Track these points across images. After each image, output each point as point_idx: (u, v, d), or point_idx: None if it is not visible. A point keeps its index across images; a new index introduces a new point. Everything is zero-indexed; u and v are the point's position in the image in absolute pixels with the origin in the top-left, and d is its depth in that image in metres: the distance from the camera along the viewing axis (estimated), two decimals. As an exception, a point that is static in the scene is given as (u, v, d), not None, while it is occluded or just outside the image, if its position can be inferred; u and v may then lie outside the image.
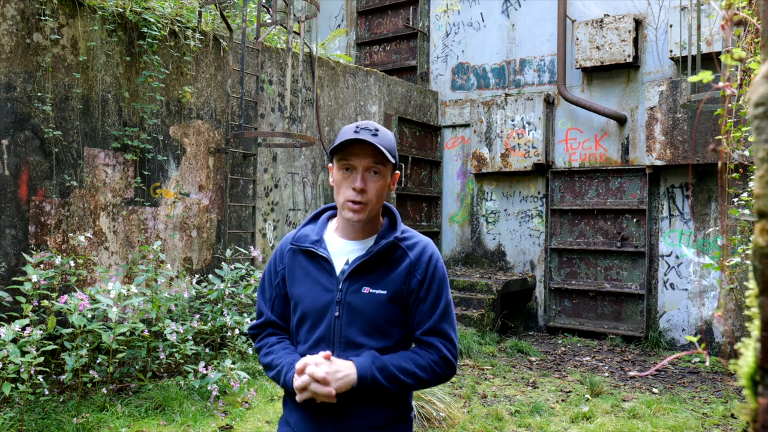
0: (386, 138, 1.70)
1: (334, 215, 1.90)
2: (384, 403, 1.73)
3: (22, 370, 3.77)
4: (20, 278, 4.29)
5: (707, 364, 1.31)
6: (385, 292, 1.72)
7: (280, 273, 1.84)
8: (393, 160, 1.70)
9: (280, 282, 1.84)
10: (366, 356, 1.69)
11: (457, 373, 5.96)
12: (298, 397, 1.64)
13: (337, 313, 1.72)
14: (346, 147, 1.68)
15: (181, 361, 5.01)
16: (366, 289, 1.72)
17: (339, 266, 1.76)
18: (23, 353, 3.89)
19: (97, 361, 4.51)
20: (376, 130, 1.69)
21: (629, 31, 7.47)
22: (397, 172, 1.81)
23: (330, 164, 1.80)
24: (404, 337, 1.78)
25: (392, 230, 1.80)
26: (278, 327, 1.86)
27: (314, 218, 1.90)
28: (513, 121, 8.34)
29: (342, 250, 1.78)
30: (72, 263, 4.65)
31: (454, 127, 9.35)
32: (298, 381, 1.62)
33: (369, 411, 1.71)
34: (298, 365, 1.63)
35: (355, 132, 1.67)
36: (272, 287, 1.86)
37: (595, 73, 8.02)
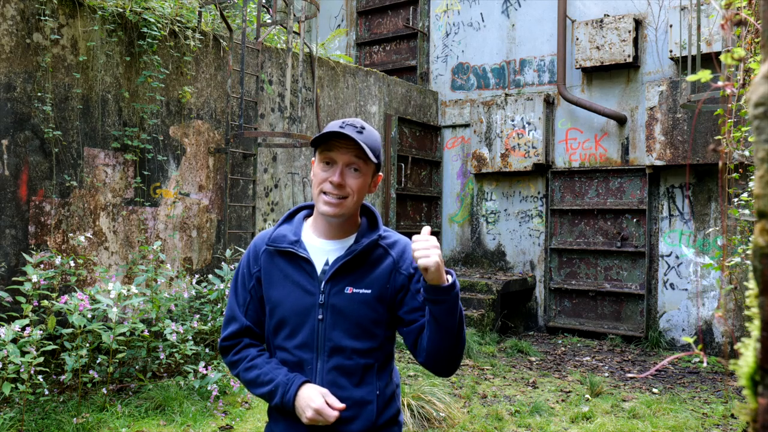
0: (371, 137, 1.66)
1: (309, 215, 1.84)
2: (371, 407, 1.69)
3: (22, 370, 3.77)
4: (20, 278, 4.29)
5: (705, 365, 1.31)
6: (369, 291, 1.68)
7: (255, 275, 1.76)
8: (375, 160, 1.66)
9: (255, 284, 1.76)
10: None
11: (457, 373, 5.95)
12: (307, 419, 1.61)
13: (320, 316, 1.67)
14: (329, 140, 1.64)
15: (181, 361, 5.01)
16: (349, 289, 1.67)
17: (318, 267, 1.70)
18: (23, 353, 3.89)
19: (97, 361, 4.51)
20: (362, 127, 1.65)
21: (629, 31, 7.47)
22: (380, 174, 1.76)
23: (313, 158, 1.76)
24: (389, 337, 1.75)
25: (373, 230, 1.76)
26: (254, 335, 1.78)
27: (289, 218, 1.83)
28: (513, 121, 8.34)
29: (320, 250, 1.73)
30: (72, 263, 4.65)
31: (454, 127, 9.35)
32: (312, 409, 1.59)
33: (357, 417, 1.68)
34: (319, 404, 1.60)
35: (341, 127, 1.63)
36: (246, 291, 1.77)
37: (595, 73, 8.02)
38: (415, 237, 1.58)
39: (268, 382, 1.67)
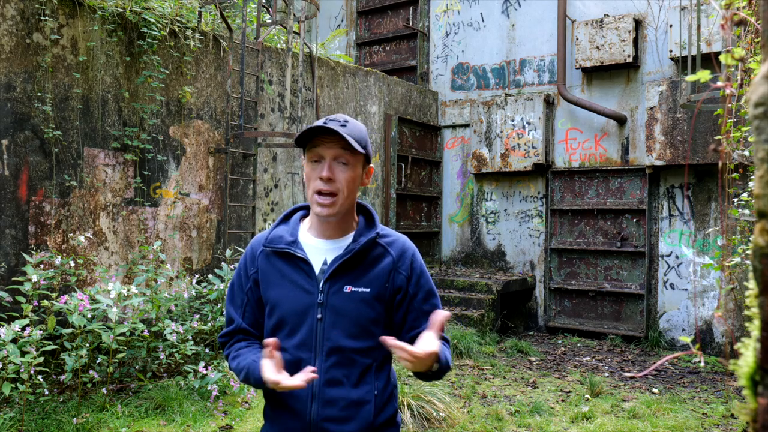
0: (356, 129, 1.66)
1: (305, 215, 1.84)
2: (368, 407, 1.69)
3: (22, 370, 3.77)
4: (20, 278, 4.29)
5: (702, 364, 1.31)
6: (368, 290, 1.68)
7: (252, 277, 1.76)
8: (362, 151, 1.64)
9: (252, 286, 1.77)
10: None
11: (457, 373, 5.95)
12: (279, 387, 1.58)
13: (319, 316, 1.67)
14: (314, 138, 1.64)
15: (181, 361, 5.01)
16: (348, 288, 1.67)
17: (317, 267, 1.70)
18: (23, 353, 3.89)
19: (97, 361, 4.51)
20: (345, 121, 1.65)
21: (629, 31, 7.47)
22: (372, 166, 1.76)
23: (304, 160, 1.76)
24: None
25: (370, 228, 1.75)
26: (249, 334, 1.80)
27: (285, 218, 1.83)
28: (513, 121, 8.34)
29: (318, 249, 1.73)
30: (72, 263, 4.65)
31: (454, 127, 9.36)
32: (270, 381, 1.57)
33: (354, 417, 1.67)
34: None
35: (324, 123, 1.63)
36: (243, 292, 1.78)
37: (595, 73, 8.02)
38: (411, 350, 1.54)
39: (244, 366, 1.69)
